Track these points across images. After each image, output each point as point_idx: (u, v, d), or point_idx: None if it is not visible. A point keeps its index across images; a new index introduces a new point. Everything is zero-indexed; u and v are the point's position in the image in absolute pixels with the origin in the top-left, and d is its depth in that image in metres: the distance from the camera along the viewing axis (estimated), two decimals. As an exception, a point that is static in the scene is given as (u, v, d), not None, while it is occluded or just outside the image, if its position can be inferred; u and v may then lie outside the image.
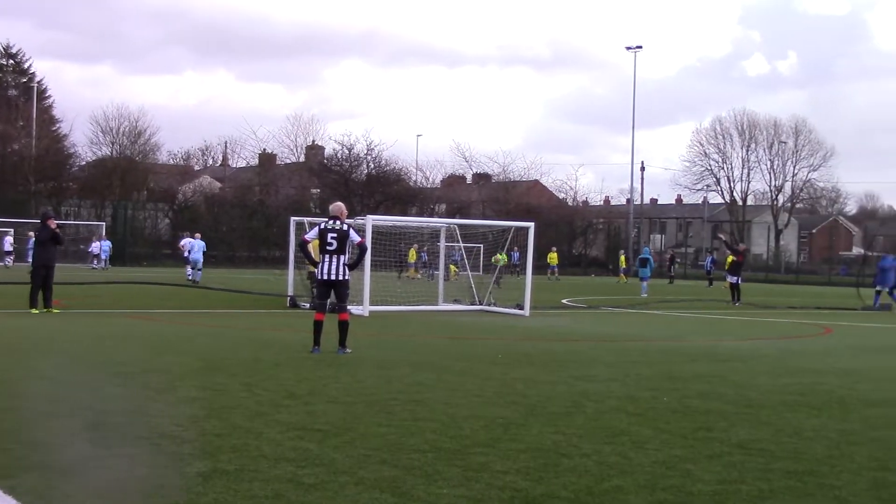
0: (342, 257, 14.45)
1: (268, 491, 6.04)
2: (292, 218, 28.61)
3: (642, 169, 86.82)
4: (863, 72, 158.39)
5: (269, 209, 71.49)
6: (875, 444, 8.21)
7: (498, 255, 36.28)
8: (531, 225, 27.30)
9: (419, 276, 45.09)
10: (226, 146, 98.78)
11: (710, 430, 8.68)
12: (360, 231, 20.46)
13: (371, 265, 23.33)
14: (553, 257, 59.17)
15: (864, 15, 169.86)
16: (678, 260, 75.13)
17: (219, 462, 6.78)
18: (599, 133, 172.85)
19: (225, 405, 9.29)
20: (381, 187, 75.94)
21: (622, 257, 64.24)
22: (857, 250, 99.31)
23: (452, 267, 38.05)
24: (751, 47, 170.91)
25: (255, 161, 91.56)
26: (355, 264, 15.48)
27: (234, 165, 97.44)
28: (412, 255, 45.79)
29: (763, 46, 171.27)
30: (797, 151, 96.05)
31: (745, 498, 6.19)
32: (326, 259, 14.36)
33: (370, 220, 24.09)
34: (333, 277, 14.35)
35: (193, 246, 39.16)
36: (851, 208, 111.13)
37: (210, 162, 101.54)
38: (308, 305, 23.86)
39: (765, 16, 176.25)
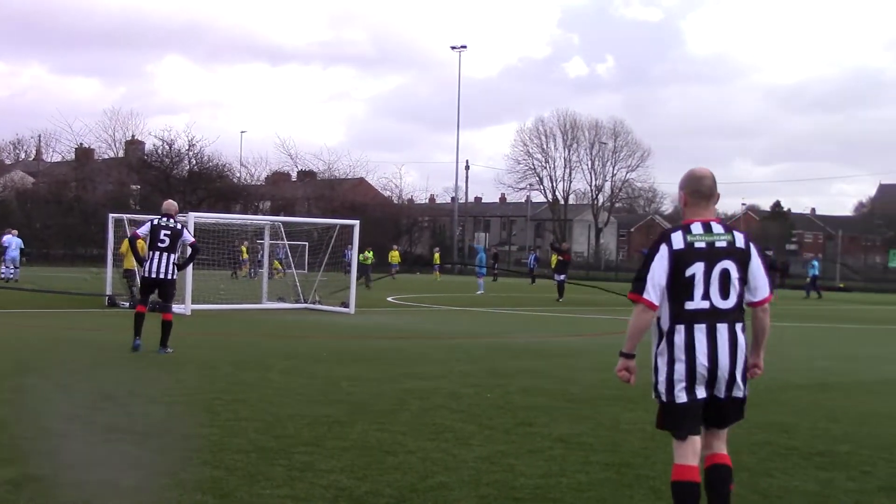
0: (172, 256, 14.20)
1: (83, 496, 5.84)
2: (111, 215, 27.80)
3: (467, 168, 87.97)
4: (676, 76, 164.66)
5: (87, 205, 69.08)
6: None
7: (365, 252, 36.03)
8: (356, 223, 27.30)
9: (245, 274, 44.40)
10: (39, 140, 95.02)
11: (532, 424, 8.84)
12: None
13: (194, 263, 22.86)
14: (395, 255, 59.31)
15: (677, 22, 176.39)
16: (499, 258, 76.28)
17: (29, 468, 6.52)
18: (424, 132, 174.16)
19: (38, 408, 8.95)
20: (204, 184, 74.38)
21: (436, 255, 64.69)
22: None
23: (277, 264, 37.65)
24: (570, 50, 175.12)
25: (71, 156, 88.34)
26: (186, 264, 15.20)
27: (49, 160, 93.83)
28: (243, 253, 45.04)
29: (582, 49, 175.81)
30: (616, 152, 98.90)
31: (565, 490, 6.34)
32: (156, 257, 14.06)
33: (192, 217, 23.63)
34: (161, 276, 14.06)
35: (11, 243, 37.57)
36: (668, 208, 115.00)
37: (22, 156, 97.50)
38: (127, 304, 23.22)
39: (583, 20, 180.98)
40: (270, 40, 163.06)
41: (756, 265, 5.21)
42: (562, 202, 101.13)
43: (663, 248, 5.14)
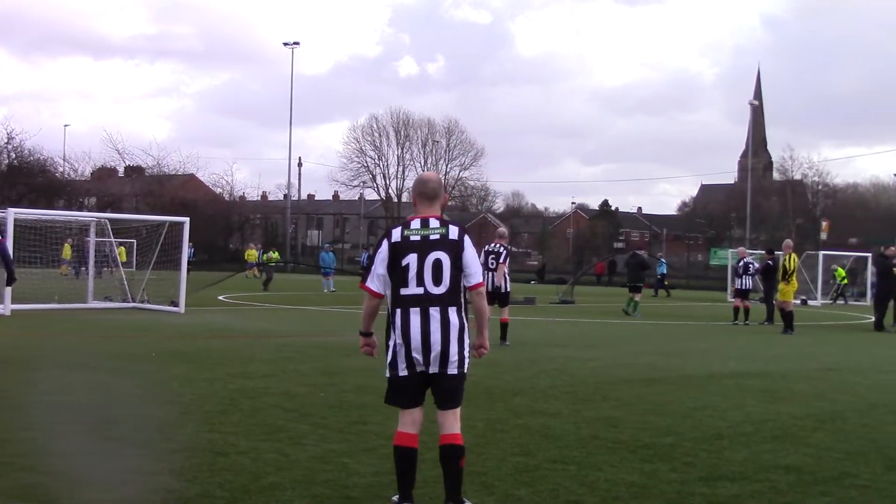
0: None
1: None
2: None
3: (300, 165, 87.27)
4: (506, 77, 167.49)
5: None
6: (519, 431, 8.66)
7: (270, 253, 34.97)
8: (186, 220, 26.75)
9: (69, 272, 42.89)
10: None
11: (366, 423, 8.83)
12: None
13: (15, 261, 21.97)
14: (252, 254, 58.41)
15: (506, 24, 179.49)
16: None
17: None
18: (256, 128, 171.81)
19: None
20: (25, 179, 71.69)
21: (251, 251, 63.95)
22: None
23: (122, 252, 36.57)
24: (401, 49, 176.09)
25: None
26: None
27: None
28: (66, 252, 43.43)
29: (413, 49, 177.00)
30: (449, 151, 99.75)
31: (396, 488, 6.34)
32: None
33: (12, 214, 22.73)
34: None
35: None
36: (499, 206, 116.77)
37: None
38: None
39: (414, 20, 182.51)
40: (94, 33, 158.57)
41: (469, 254, 5.77)
42: (395, 200, 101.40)
43: (384, 243, 5.82)
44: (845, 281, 46.59)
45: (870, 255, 50.89)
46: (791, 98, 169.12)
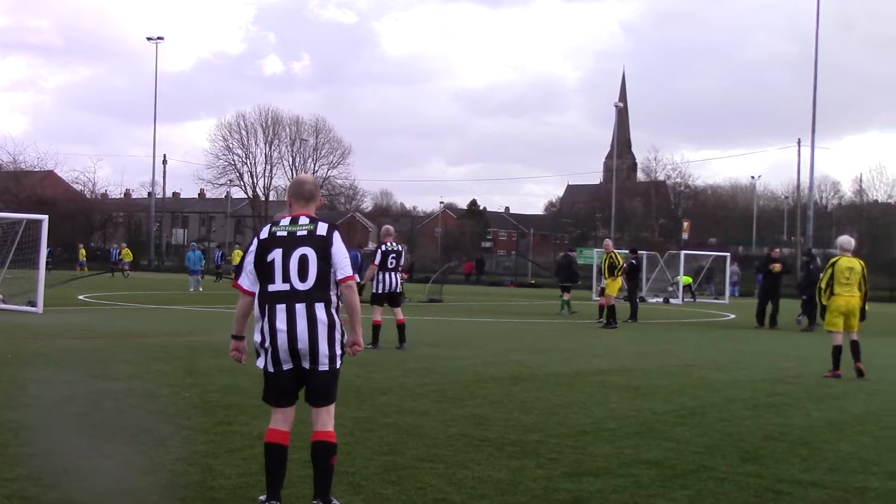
0: None
1: None
2: None
3: (164, 162, 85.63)
4: (371, 77, 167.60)
5: None
6: (387, 430, 8.66)
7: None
8: (45, 218, 25.93)
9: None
10: None
11: (231, 424, 8.72)
12: None
13: None
14: (127, 253, 56.92)
15: (371, 24, 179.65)
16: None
17: None
18: (119, 125, 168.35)
19: None
20: None
21: (82, 250, 62.52)
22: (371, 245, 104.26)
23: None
24: (266, 48, 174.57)
25: None
26: None
27: None
28: None
29: (278, 48, 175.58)
30: (318, 149, 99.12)
31: (262, 489, 6.27)
32: None
33: None
34: None
35: None
36: (368, 205, 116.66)
37: None
38: None
39: (279, 18, 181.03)
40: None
41: (336, 249, 5.73)
42: (262, 198, 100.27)
43: (254, 241, 5.84)
44: (689, 281, 47.82)
45: (728, 254, 52.54)
46: (653, 101, 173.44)
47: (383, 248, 16.62)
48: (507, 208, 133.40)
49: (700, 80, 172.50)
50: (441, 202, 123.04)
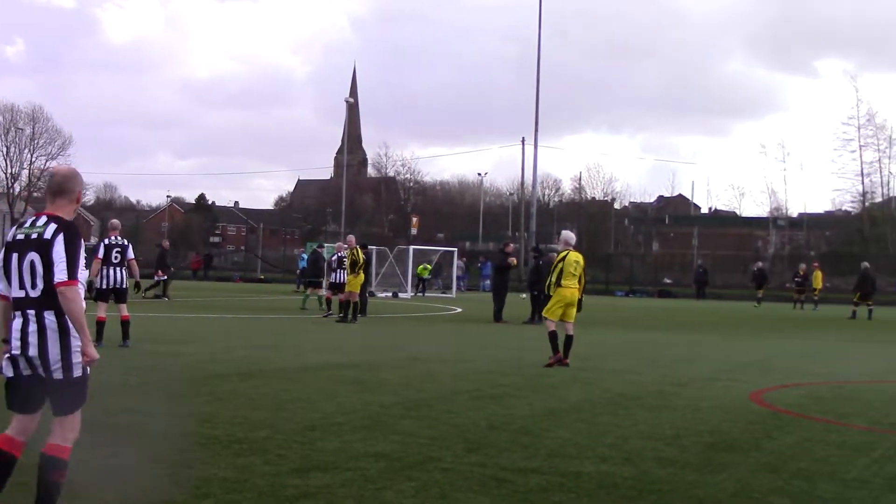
0: None
1: None
2: None
3: None
4: (92, 64, 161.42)
5: None
6: (108, 431, 8.31)
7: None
8: None
9: None
10: None
11: None
12: None
13: None
14: None
15: (92, 10, 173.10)
16: None
17: None
18: None
19: None
20: None
21: None
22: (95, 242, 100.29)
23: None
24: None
25: None
26: None
27: None
28: None
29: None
30: (35, 139, 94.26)
31: None
32: None
33: None
34: None
35: None
36: (90, 199, 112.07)
37: None
38: None
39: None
40: None
41: (56, 251, 5.38)
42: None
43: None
44: (426, 275, 48.81)
45: (455, 249, 53.93)
46: (383, 98, 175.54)
47: (106, 241, 16.04)
48: (236, 203, 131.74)
49: (428, 77, 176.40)
50: (168, 196, 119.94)
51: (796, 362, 17.29)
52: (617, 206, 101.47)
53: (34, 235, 5.42)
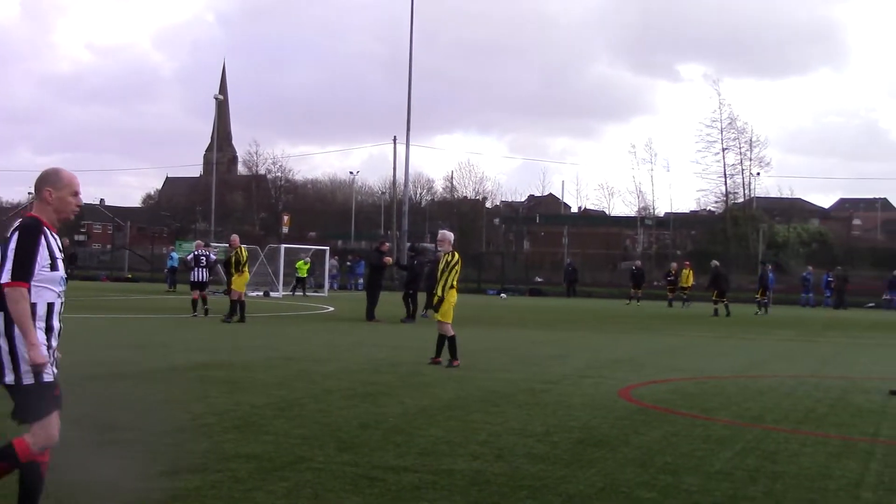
0: None
1: None
2: None
3: None
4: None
5: None
6: None
7: None
8: None
9: None
10: None
11: None
12: None
13: None
14: None
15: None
16: None
17: None
18: None
19: None
20: None
21: None
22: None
23: None
24: None
25: None
26: None
27: None
28: None
29: None
30: None
31: None
32: None
33: None
34: None
35: None
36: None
37: None
38: None
39: None
40: None
41: (8, 251, 5.24)
42: None
43: None
44: (304, 274, 48.50)
45: (327, 248, 53.65)
46: (253, 95, 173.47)
47: None
48: (101, 200, 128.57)
49: (298, 75, 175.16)
50: (30, 193, 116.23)
51: (664, 359, 17.71)
52: (488, 205, 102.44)
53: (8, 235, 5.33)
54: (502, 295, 43.02)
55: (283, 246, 49.93)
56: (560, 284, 60.64)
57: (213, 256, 28.64)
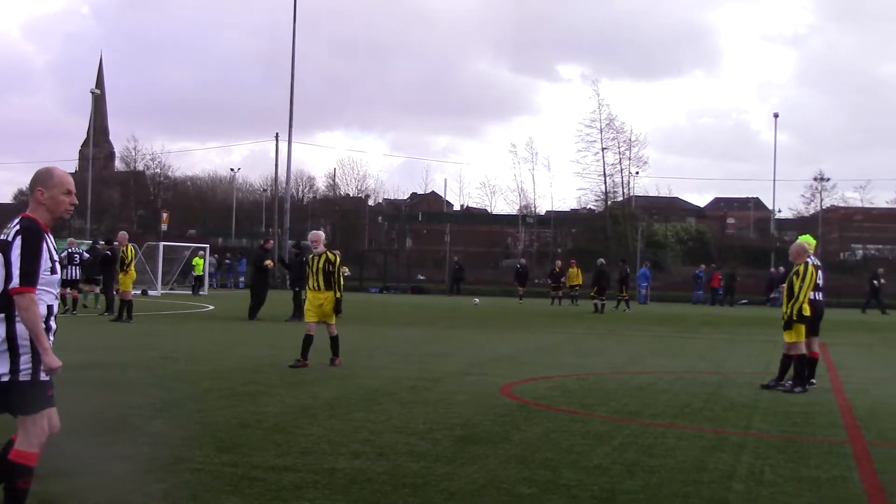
0: None
1: None
2: None
3: None
4: None
5: None
6: None
7: None
8: None
9: None
10: None
11: None
12: None
13: None
14: None
15: None
16: None
17: None
18: None
19: None
20: None
21: None
22: None
23: None
24: None
25: None
26: None
27: None
28: None
29: None
30: None
31: None
32: None
33: None
34: None
35: None
36: None
37: None
38: None
39: None
40: None
41: (13, 256, 5.15)
42: None
43: None
44: (200, 272, 47.60)
45: (207, 245, 52.85)
46: (131, 90, 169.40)
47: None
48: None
49: (177, 70, 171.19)
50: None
51: (545, 356, 17.92)
52: (371, 203, 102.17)
53: (3, 237, 5.21)
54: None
55: (162, 244, 49.04)
56: (443, 282, 60.84)
57: (86, 254, 28.05)
